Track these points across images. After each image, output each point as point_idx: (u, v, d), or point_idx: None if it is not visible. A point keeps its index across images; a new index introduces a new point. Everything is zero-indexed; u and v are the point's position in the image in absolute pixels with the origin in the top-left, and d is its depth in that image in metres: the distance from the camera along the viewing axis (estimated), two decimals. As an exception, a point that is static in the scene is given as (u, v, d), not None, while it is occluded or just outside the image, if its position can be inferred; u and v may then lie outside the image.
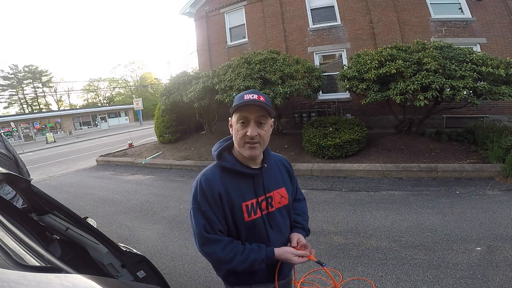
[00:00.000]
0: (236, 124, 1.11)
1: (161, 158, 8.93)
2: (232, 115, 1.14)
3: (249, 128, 1.08)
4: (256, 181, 1.17)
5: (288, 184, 1.31)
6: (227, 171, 1.15)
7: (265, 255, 1.12)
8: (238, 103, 1.08)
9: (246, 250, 1.11)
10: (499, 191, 4.31)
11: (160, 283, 1.71)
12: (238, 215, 1.13)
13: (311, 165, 6.29)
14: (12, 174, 1.49)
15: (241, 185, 1.15)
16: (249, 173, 1.15)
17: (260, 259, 1.10)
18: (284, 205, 1.25)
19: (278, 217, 1.22)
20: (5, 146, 3.83)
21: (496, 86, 5.21)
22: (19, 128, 27.47)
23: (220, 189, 1.11)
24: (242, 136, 1.09)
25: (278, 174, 1.27)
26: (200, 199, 1.11)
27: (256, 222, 1.16)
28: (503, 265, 2.56)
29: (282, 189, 1.25)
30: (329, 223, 3.81)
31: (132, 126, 31.11)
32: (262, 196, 1.17)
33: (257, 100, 1.07)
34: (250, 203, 1.14)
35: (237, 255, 1.09)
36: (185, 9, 11.86)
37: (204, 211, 1.10)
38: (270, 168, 1.24)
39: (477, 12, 7.87)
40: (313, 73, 7.69)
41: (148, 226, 4.31)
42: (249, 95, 1.09)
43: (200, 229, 1.10)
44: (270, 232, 1.19)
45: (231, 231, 1.16)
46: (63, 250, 1.80)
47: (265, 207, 1.18)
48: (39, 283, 0.65)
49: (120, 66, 71.02)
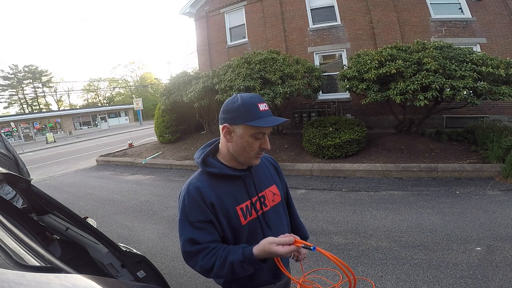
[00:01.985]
0: (249, 137, 1.04)
1: (161, 158, 8.93)
2: (239, 125, 1.03)
3: (264, 142, 1.07)
4: (247, 182, 1.13)
5: (277, 181, 1.28)
6: (215, 177, 1.09)
7: (242, 255, 0.98)
8: (258, 118, 1.01)
9: (224, 253, 1.00)
10: (499, 191, 4.31)
11: (160, 283, 1.71)
12: (234, 220, 1.08)
13: (311, 165, 6.29)
14: (12, 174, 1.49)
15: (232, 188, 1.10)
16: (238, 175, 1.11)
17: (238, 260, 0.97)
18: (277, 203, 1.22)
19: (273, 216, 1.19)
20: (5, 146, 3.83)
21: (496, 86, 5.21)
22: (19, 128, 27.47)
23: (211, 198, 1.04)
24: (255, 149, 1.06)
25: (266, 172, 1.25)
26: (189, 209, 1.03)
27: (253, 224, 1.12)
28: (503, 265, 2.56)
29: (273, 186, 1.23)
30: (329, 223, 3.81)
31: (132, 126, 31.10)
32: (255, 196, 1.14)
33: (281, 120, 1.07)
34: (244, 206, 1.10)
35: (216, 261, 1.00)
36: (185, 9, 11.86)
37: (193, 222, 1.03)
38: (258, 167, 1.21)
39: (477, 12, 7.87)
40: (313, 73, 7.69)
41: (148, 226, 4.31)
42: (262, 104, 1.04)
43: (184, 244, 1.03)
44: (268, 232, 1.14)
45: (227, 238, 1.09)
46: (63, 250, 1.81)
47: (260, 207, 1.15)
48: (39, 283, 0.65)
49: (120, 66, 71.12)
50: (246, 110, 1.01)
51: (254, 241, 1.09)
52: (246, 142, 1.04)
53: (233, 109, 1.03)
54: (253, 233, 1.12)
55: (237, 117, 1.02)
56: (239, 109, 1.02)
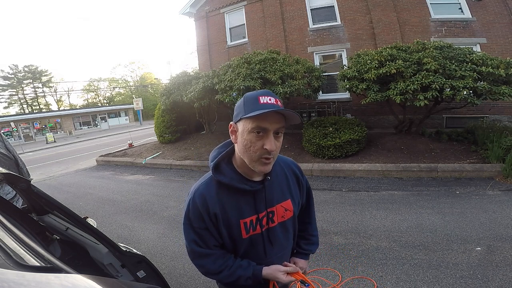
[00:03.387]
0: (249, 134, 0.92)
1: (161, 158, 8.93)
2: (239, 120, 0.95)
3: (267, 140, 0.91)
4: (257, 197, 1.05)
5: (295, 194, 1.16)
6: (224, 187, 1.02)
7: (252, 274, 1.06)
8: (256, 110, 0.89)
9: (235, 266, 1.07)
10: (499, 191, 4.31)
11: (160, 283, 1.71)
12: (235, 232, 1.04)
13: (311, 165, 6.29)
14: (12, 174, 1.49)
15: (239, 202, 1.03)
16: (248, 190, 1.02)
17: (246, 276, 1.06)
18: (287, 219, 1.13)
19: (279, 232, 1.12)
20: (5, 146, 3.84)
21: (496, 86, 5.21)
22: (19, 128, 27.46)
23: (215, 209, 1.00)
24: (258, 150, 0.92)
25: (284, 184, 1.13)
26: (192, 216, 1.02)
27: (254, 239, 1.07)
28: (503, 265, 2.56)
29: (287, 201, 1.12)
30: (329, 223, 3.81)
31: (132, 126, 31.10)
32: (263, 212, 1.06)
33: (279, 107, 0.91)
34: (249, 220, 1.04)
35: (225, 270, 1.06)
36: (185, 9, 11.86)
37: (195, 228, 1.03)
38: (275, 179, 1.09)
39: (477, 12, 7.87)
40: (313, 73, 7.69)
41: (148, 226, 4.31)
42: (265, 97, 0.92)
43: (191, 244, 1.06)
44: (269, 248, 1.11)
45: (226, 246, 1.09)
46: (63, 250, 1.81)
47: (266, 223, 1.08)
48: (39, 283, 0.65)
49: (120, 66, 71.09)
50: (246, 104, 0.94)
51: (253, 254, 1.11)
52: (246, 140, 0.93)
53: (237, 106, 0.98)
54: (253, 247, 1.10)
55: (238, 114, 0.96)
56: (240, 104, 0.96)
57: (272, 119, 0.91)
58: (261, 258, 1.11)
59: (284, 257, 1.20)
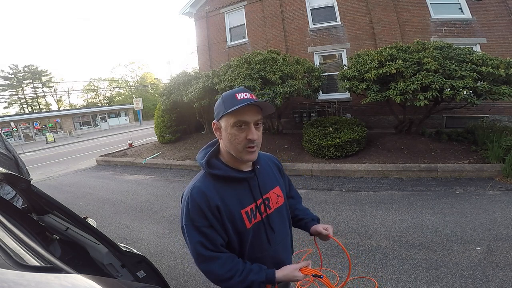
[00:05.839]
0: (232, 128, 1.01)
1: (161, 158, 8.93)
2: (221, 118, 1.03)
3: (249, 132, 1.01)
4: (252, 184, 1.12)
5: (281, 181, 1.28)
6: (220, 179, 1.07)
7: (265, 278, 1.04)
8: (234, 106, 0.98)
9: (246, 270, 1.04)
10: (499, 191, 4.31)
11: (160, 283, 1.71)
12: (239, 224, 1.07)
13: (311, 165, 6.29)
14: (12, 174, 1.49)
15: (237, 191, 1.08)
16: (243, 177, 1.09)
17: (259, 281, 1.03)
18: (281, 205, 1.22)
19: (277, 218, 1.19)
20: (5, 146, 3.84)
21: (496, 86, 5.21)
22: (19, 128, 27.47)
23: (217, 201, 1.03)
24: (242, 141, 1.01)
25: (270, 172, 1.24)
26: (193, 214, 1.02)
27: (257, 227, 1.11)
28: (503, 265, 2.57)
29: (276, 188, 1.22)
30: (329, 223, 3.78)
31: (132, 126, 31.09)
32: (259, 198, 1.13)
33: (255, 100, 1.00)
34: (249, 209, 1.09)
35: (236, 275, 1.03)
36: (185, 9, 11.86)
37: (199, 227, 1.02)
38: (263, 168, 1.19)
39: (477, 12, 7.87)
40: (313, 73, 7.69)
41: (148, 226, 4.31)
42: (242, 93, 1.02)
43: (196, 247, 1.03)
44: (271, 234, 1.15)
45: (231, 241, 1.09)
46: (63, 250, 1.81)
47: (264, 210, 1.14)
48: (39, 283, 0.65)
49: (120, 66, 71.12)
50: (224, 102, 1.03)
51: (258, 244, 1.12)
52: (230, 135, 1.02)
53: (216, 106, 1.07)
54: (257, 236, 1.12)
55: (219, 112, 1.04)
56: (220, 103, 1.05)
57: (251, 113, 1.01)
58: (266, 248, 1.14)
59: (287, 245, 1.25)
